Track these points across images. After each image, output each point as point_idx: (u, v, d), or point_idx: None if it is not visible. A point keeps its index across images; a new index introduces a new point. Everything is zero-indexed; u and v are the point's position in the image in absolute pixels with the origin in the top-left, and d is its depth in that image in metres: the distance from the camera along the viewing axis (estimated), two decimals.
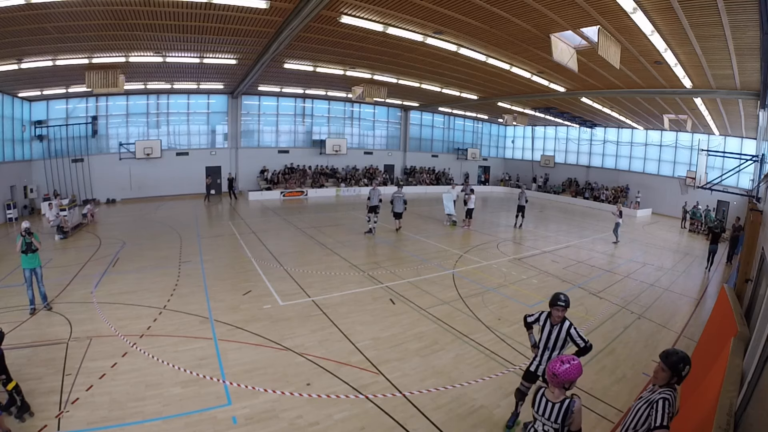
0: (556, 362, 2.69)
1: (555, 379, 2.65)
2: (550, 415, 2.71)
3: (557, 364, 2.66)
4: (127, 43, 11.39)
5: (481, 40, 10.83)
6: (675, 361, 2.73)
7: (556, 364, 2.66)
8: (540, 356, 4.07)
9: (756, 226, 8.52)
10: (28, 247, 6.59)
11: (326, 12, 9.16)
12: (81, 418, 4.11)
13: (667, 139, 24.17)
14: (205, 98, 21.86)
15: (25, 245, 6.57)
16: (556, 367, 2.66)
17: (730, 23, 7.43)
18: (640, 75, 12.40)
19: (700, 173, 16.29)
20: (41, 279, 6.79)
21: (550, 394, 2.74)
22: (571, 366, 2.64)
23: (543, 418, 2.74)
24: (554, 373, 2.65)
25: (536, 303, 8.04)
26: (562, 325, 3.92)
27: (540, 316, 4.08)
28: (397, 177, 29.17)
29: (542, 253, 12.26)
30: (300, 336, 6.16)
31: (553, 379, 2.66)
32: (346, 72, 15.86)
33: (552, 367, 2.68)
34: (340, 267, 9.82)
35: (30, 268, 6.66)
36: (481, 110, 28.01)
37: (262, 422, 4.22)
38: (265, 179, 23.26)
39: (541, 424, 2.78)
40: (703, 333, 6.62)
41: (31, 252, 6.61)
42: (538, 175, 31.49)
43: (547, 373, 2.73)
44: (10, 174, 15.48)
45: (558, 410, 2.68)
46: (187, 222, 14.97)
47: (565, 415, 2.65)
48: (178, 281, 8.43)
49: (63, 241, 11.76)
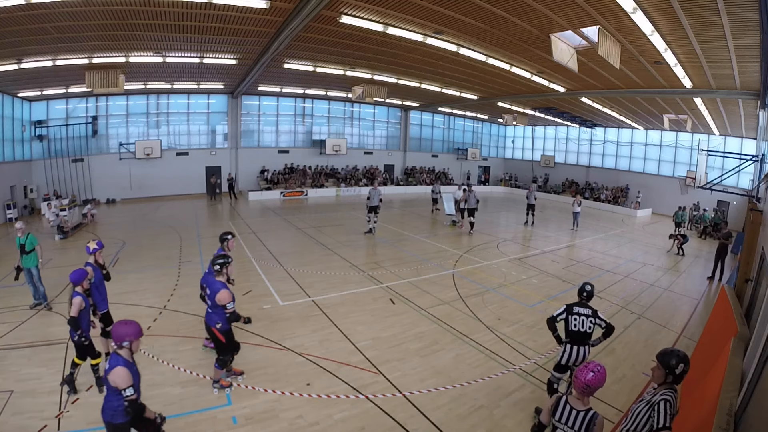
0: (584, 371, 2.66)
1: (587, 389, 2.64)
2: (574, 423, 2.66)
3: (586, 374, 2.65)
4: (127, 43, 11.39)
5: (481, 40, 10.83)
6: (667, 358, 2.76)
7: (585, 374, 2.65)
8: (570, 348, 4.28)
9: (756, 226, 8.52)
10: (22, 248, 6.62)
11: (326, 12, 9.16)
12: (81, 418, 4.11)
13: (667, 139, 24.17)
14: (205, 98, 21.86)
15: (19, 245, 6.62)
16: (586, 376, 2.64)
17: (730, 23, 7.43)
18: (640, 75, 12.40)
19: (700, 173, 16.28)
20: (38, 279, 6.81)
21: (576, 402, 2.70)
22: (597, 374, 2.65)
23: (566, 426, 2.68)
24: (586, 383, 2.63)
25: (536, 303, 8.05)
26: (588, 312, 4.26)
27: (564, 312, 4.31)
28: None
29: (542, 253, 12.26)
30: (300, 336, 6.16)
31: (585, 390, 2.65)
32: (346, 72, 15.85)
33: (582, 377, 2.65)
34: (340, 267, 9.82)
35: (26, 267, 6.69)
36: (481, 110, 28.01)
37: (262, 422, 4.22)
38: (265, 179, 23.27)
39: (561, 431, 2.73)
40: (703, 333, 6.63)
41: (24, 253, 6.64)
42: (538, 175, 31.48)
43: (576, 384, 2.70)
44: (10, 174, 15.48)
45: (582, 419, 2.64)
46: (187, 222, 14.97)
47: (588, 425, 2.61)
48: (178, 281, 8.43)
49: (63, 241, 11.77)
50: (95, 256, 5.23)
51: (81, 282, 4.47)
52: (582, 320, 4.21)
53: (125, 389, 2.94)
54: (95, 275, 5.07)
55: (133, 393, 2.98)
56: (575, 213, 16.19)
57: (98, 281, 5.17)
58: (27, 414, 4.12)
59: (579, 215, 16.25)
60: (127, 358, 3.07)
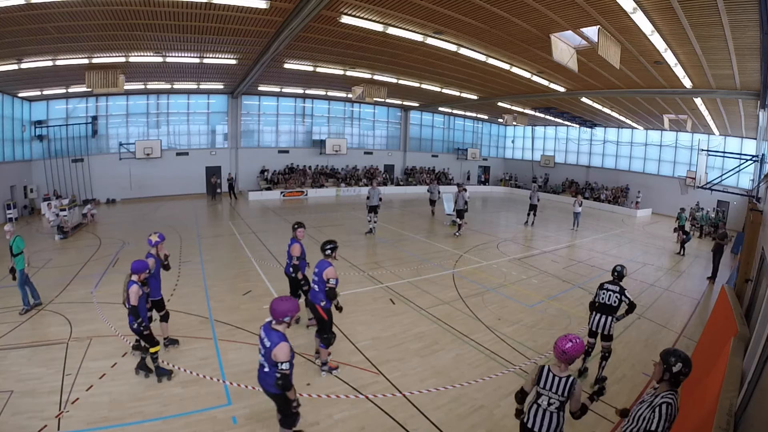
0: (563, 340, 3.03)
1: (564, 356, 3.00)
2: (557, 388, 3.00)
3: (565, 342, 3.01)
4: (127, 43, 11.39)
5: (481, 40, 10.83)
6: (668, 355, 2.78)
7: (564, 342, 3.01)
8: (595, 315, 5.18)
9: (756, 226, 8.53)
10: (10, 250, 6.66)
11: (326, 12, 9.16)
12: (81, 418, 4.11)
13: (667, 139, 24.17)
14: (205, 98, 21.86)
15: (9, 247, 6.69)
16: (565, 345, 3.00)
17: (730, 23, 7.43)
18: (640, 75, 12.40)
19: (700, 173, 16.29)
20: (27, 281, 6.80)
21: (557, 369, 3.06)
22: (575, 344, 3.01)
23: (549, 391, 3.03)
24: (563, 350, 2.99)
25: (536, 303, 8.05)
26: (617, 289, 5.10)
27: (598, 290, 5.21)
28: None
29: (542, 253, 12.26)
30: (300, 336, 6.16)
31: (562, 356, 3.01)
32: (346, 72, 15.85)
33: (561, 345, 3.01)
34: (340, 267, 9.78)
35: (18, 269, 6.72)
36: (481, 110, 28.00)
37: (262, 422, 4.22)
38: (265, 179, 23.27)
39: (546, 398, 3.05)
40: (703, 333, 6.63)
41: (12, 255, 6.67)
42: (538, 175, 31.48)
43: (555, 352, 3.05)
44: (10, 174, 15.49)
45: (564, 384, 2.99)
46: (187, 222, 14.97)
47: (570, 389, 2.97)
48: (178, 281, 8.43)
49: (63, 241, 11.76)
50: (157, 249, 5.64)
51: (141, 272, 4.79)
52: (609, 295, 5.06)
53: (282, 363, 3.21)
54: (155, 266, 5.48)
55: (287, 368, 3.25)
56: (576, 213, 16.24)
57: (156, 271, 5.56)
58: (27, 414, 4.12)
59: (580, 215, 16.31)
60: (284, 333, 3.37)
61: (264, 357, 3.39)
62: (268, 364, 3.35)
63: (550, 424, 3.02)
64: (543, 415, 3.05)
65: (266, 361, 3.36)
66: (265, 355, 3.37)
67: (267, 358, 3.33)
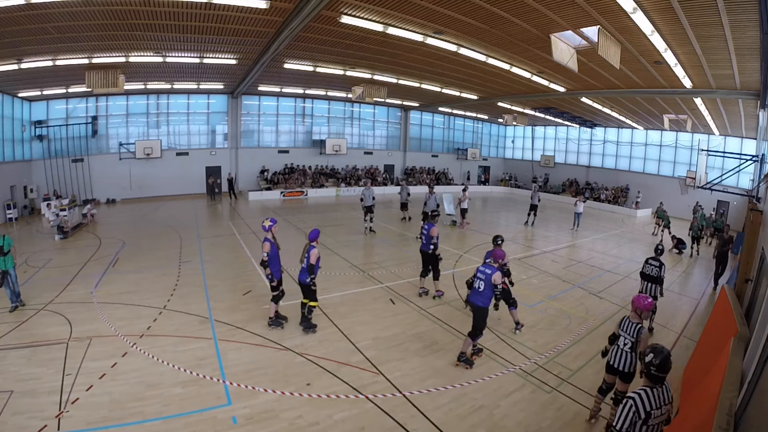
0: (641, 298, 4.19)
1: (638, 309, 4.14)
2: (631, 332, 4.11)
3: (643, 300, 4.17)
4: (127, 43, 11.39)
5: (481, 40, 10.83)
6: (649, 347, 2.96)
7: (643, 300, 4.17)
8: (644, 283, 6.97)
9: (756, 226, 8.52)
10: (0, 249, 6.63)
11: (326, 12, 9.16)
12: (81, 418, 4.11)
13: (667, 139, 24.17)
14: (205, 98, 21.86)
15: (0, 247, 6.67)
16: (643, 302, 4.15)
17: (730, 23, 7.43)
18: (640, 75, 12.40)
19: (700, 173, 16.28)
20: (15, 280, 6.80)
21: (634, 317, 4.17)
22: (647, 302, 4.15)
23: (626, 333, 4.14)
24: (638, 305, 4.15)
25: (536, 303, 8.05)
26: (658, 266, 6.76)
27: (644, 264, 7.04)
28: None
29: (542, 253, 12.26)
30: (300, 336, 6.16)
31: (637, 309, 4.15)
32: (346, 72, 15.85)
33: (638, 302, 4.17)
34: (340, 267, 9.81)
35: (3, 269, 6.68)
36: (481, 110, 28.00)
37: (262, 422, 4.22)
38: (265, 179, 23.27)
39: (623, 338, 4.16)
40: (703, 333, 6.62)
41: (2, 254, 6.64)
42: (538, 175, 31.48)
43: (633, 304, 4.20)
44: (10, 174, 15.49)
45: (634, 329, 4.09)
46: (187, 222, 14.97)
47: (638, 333, 4.05)
48: (178, 281, 8.43)
49: (63, 241, 11.76)
50: (272, 232, 6.10)
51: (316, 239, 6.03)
52: (652, 268, 6.82)
53: (498, 285, 5.23)
54: (271, 249, 5.98)
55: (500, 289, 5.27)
56: (577, 213, 16.25)
57: (273, 254, 6.05)
58: (27, 414, 4.12)
59: (581, 216, 16.31)
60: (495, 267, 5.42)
61: (484, 282, 5.26)
62: (485, 285, 5.24)
63: (625, 361, 4.11)
64: (621, 354, 4.15)
65: (485, 283, 5.25)
66: (485, 280, 5.25)
67: (486, 282, 5.22)
